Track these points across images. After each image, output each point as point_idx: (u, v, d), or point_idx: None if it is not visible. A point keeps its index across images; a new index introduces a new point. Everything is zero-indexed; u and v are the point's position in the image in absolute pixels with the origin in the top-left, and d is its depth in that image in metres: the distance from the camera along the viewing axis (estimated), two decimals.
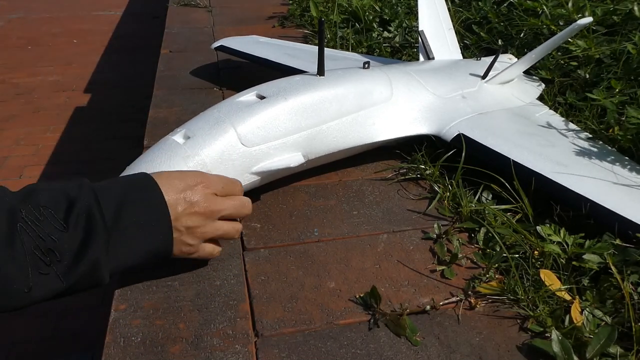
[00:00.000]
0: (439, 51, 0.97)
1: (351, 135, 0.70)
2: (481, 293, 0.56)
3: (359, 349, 0.49)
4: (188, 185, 0.52)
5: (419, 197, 0.71)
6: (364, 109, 0.71)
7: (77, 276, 0.45)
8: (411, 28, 1.25)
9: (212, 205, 0.53)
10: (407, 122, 0.76)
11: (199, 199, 0.52)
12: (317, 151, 0.67)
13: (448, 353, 0.49)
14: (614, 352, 0.48)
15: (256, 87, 0.68)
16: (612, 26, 0.99)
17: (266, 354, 0.48)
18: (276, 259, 0.59)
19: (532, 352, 0.49)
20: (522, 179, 0.66)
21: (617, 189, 0.65)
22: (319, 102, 0.67)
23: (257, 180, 0.63)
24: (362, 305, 0.54)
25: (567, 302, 0.53)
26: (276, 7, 1.58)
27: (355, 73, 0.74)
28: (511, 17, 1.16)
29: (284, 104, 0.64)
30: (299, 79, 0.69)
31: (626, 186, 0.66)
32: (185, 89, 1.03)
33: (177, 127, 0.63)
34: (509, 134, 0.74)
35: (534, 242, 0.59)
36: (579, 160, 0.71)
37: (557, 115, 0.86)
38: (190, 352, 0.48)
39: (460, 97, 0.82)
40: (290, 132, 0.64)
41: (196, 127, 0.61)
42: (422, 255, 0.61)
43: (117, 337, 0.49)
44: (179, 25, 1.41)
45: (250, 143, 0.61)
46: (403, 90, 0.76)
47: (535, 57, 0.93)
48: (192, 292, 0.54)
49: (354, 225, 0.65)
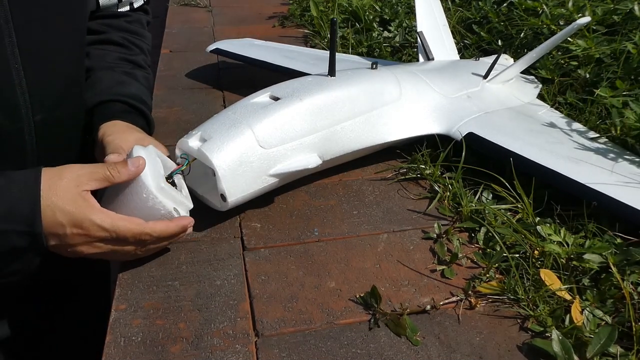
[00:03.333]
0: (437, 51, 0.97)
1: (364, 136, 0.70)
2: (481, 293, 0.56)
3: (359, 349, 0.49)
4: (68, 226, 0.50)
5: (419, 197, 0.71)
6: (375, 109, 0.71)
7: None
8: (411, 28, 1.25)
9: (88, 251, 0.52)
10: (417, 121, 0.76)
11: (75, 243, 0.51)
12: (332, 152, 0.67)
13: (448, 353, 0.49)
14: (614, 351, 0.47)
15: (269, 88, 0.68)
16: (612, 26, 0.99)
17: (266, 353, 0.48)
18: (276, 259, 0.59)
19: (533, 351, 0.49)
20: (537, 177, 0.66)
21: (631, 184, 0.65)
22: (333, 103, 0.67)
23: (275, 182, 0.63)
24: (362, 305, 0.54)
25: (568, 302, 0.52)
26: (276, 7, 1.58)
27: (365, 73, 0.74)
28: (511, 17, 1.16)
29: (300, 105, 0.64)
30: (312, 80, 0.69)
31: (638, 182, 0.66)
32: (185, 88, 1.03)
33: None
34: (518, 132, 0.75)
35: (534, 241, 0.59)
36: (589, 156, 0.71)
37: (558, 113, 0.86)
38: (190, 352, 0.48)
39: (466, 97, 0.82)
40: (307, 133, 0.64)
41: (212, 129, 0.60)
42: (422, 255, 0.61)
43: (117, 337, 0.49)
44: (179, 25, 1.41)
45: (267, 145, 0.60)
46: (411, 90, 0.77)
47: (534, 57, 0.93)
48: (192, 291, 0.54)
49: (354, 225, 0.65)
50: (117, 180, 0.52)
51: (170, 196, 0.54)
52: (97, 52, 0.79)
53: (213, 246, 0.61)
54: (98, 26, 0.81)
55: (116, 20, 0.83)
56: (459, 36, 1.22)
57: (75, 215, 0.50)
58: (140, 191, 0.52)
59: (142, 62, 0.83)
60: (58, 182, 0.51)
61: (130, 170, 0.52)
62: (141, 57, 0.84)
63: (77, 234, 0.51)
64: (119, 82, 0.75)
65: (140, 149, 0.56)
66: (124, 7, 0.84)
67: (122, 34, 0.83)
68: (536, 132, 0.76)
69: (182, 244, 0.60)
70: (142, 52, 0.85)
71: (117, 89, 0.73)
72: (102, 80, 0.75)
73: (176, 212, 0.54)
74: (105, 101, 0.72)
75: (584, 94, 0.90)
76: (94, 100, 0.72)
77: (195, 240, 0.61)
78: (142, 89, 0.77)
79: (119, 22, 0.84)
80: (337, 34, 0.75)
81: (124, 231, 0.51)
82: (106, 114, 0.70)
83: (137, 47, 0.84)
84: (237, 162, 0.58)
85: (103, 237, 0.51)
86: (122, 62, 0.80)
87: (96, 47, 0.80)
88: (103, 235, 0.51)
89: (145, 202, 0.52)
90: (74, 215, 0.50)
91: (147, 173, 0.53)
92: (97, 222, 0.51)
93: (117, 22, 0.83)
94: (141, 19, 0.88)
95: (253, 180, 0.60)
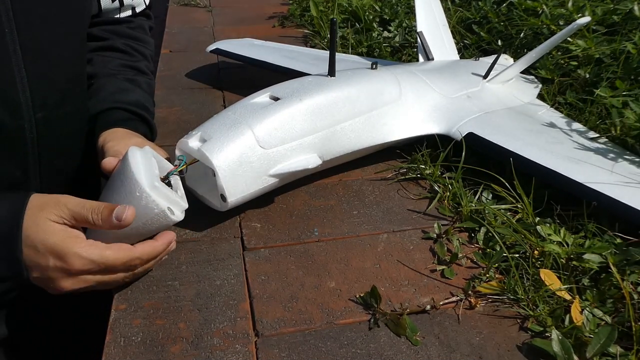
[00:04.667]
0: (437, 51, 0.97)
1: (364, 136, 0.70)
2: (481, 293, 0.56)
3: (359, 349, 0.49)
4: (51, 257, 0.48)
5: (419, 197, 0.71)
6: (375, 109, 0.71)
7: None
8: (411, 28, 1.25)
9: (71, 287, 0.50)
10: (417, 121, 0.76)
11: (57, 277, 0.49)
12: (332, 152, 0.67)
13: (448, 353, 0.49)
14: (614, 351, 0.47)
15: (269, 89, 0.68)
16: (612, 26, 0.99)
17: (266, 353, 0.48)
18: (276, 259, 0.59)
19: (532, 351, 0.49)
20: (537, 177, 0.66)
21: (631, 184, 0.65)
22: (333, 103, 0.67)
23: (274, 182, 0.63)
24: (362, 305, 0.54)
25: (567, 302, 0.53)
26: (276, 7, 1.58)
27: (365, 74, 0.74)
28: (511, 17, 1.16)
29: (300, 105, 0.64)
30: (312, 80, 0.69)
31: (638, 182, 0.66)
32: (185, 88, 1.03)
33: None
34: (518, 132, 0.75)
35: (534, 241, 0.59)
36: (589, 156, 0.71)
37: (558, 113, 0.86)
38: (190, 352, 0.48)
39: (466, 97, 0.82)
40: (307, 133, 0.64)
41: (212, 129, 0.60)
42: (422, 255, 0.61)
43: (117, 337, 0.49)
44: (179, 25, 1.41)
45: (267, 145, 0.60)
46: (411, 90, 0.77)
47: (534, 57, 0.93)
48: (192, 291, 0.54)
49: (354, 225, 0.65)
50: (96, 227, 0.51)
51: (164, 195, 0.54)
52: (100, 58, 0.79)
53: (213, 246, 0.61)
54: (101, 32, 0.81)
55: (119, 27, 0.83)
56: (459, 36, 1.22)
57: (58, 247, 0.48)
58: (133, 190, 0.52)
59: (145, 69, 0.83)
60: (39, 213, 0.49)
61: (113, 222, 0.50)
62: (143, 63, 0.84)
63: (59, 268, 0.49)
64: (121, 90, 0.75)
65: (135, 149, 0.56)
66: (125, 11, 0.84)
67: (125, 40, 0.83)
68: (536, 132, 0.76)
69: (182, 244, 0.60)
70: (144, 58, 0.85)
71: (118, 97, 0.73)
72: (104, 87, 0.75)
73: (170, 211, 0.54)
74: (107, 109, 0.72)
75: (583, 94, 0.90)
76: (96, 108, 0.72)
77: (195, 240, 0.61)
78: (145, 95, 0.78)
79: (122, 28, 0.84)
80: (337, 34, 0.75)
81: (113, 261, 0.50)
82: (107, 122, 0.70)
83: (140, 54, 0.84)
84: (237, 163, 0.58)
85: (89, 270, 0.49)
86: (124, 68, 0.80)
87: (99, 53, 0.80)
88: (90, 267, 0.49)
89: (139, 200, 0.52)
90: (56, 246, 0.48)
91: (140, 172, 0.53)
92: (84, 254, 0.49)
93: (120, 28, 0.83)
94: (143, 25, 0.88)
95: (253, 181, 0.60)
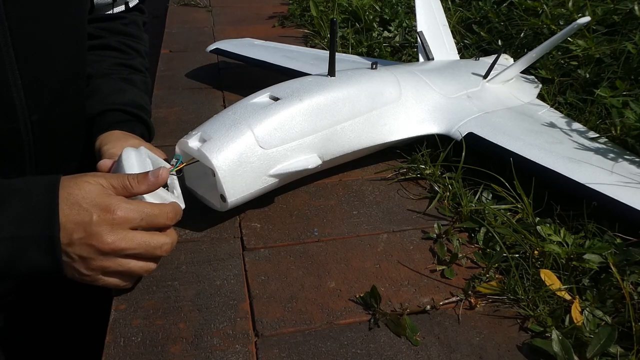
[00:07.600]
0: (437, 51, 0.97)
1: (364, 136, 0.70)
2: (481, 293, 0.56)
3: (359, 349, 0.49)
4: (94, 211, 0.47)
5: (419, 197, 0.71)
6: (375, 109, 0.71)
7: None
8: (411, 28, 1.25)
9: (116, 243, 0.47)
10: (417, 121, 0.76)
11: (101, 231, 0.47)
12: (332, 152, 0.67)
13: (448, 353, 0.49)
14: (614, 352, 0.47)
15: (269, 89, 0.68)
16: (612, 26, 0.99)
17: (266, 353, 0.48)
18: (276, 259, 0.59)
19: (532, 351, 0.49)
20: (537, 177, 0.66)
21: (631, 185, 0.65)
22: (333, 103, 0.67)
23: (275, 182, 0.63)
24: (362, 305, 0.54)
25: (567, 302, 0.52)
26: (276, 7, 1.58)
27: (365, 74, 0.74)
28: (511, 17, 1.17)
29: (299, 105, 0.64)
30: (312, 80, 0.69)
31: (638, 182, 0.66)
32: (185, 88, 1.03)
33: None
34: (518, 132, 0.75)
35: (534, 242, 0.59)
36: (589, 156, 0.71)
37: (558, 114, 0.86)
38: (190, 352, 0.48)
39: (466, 97, 0.82)
40: (306, 133, 0.64)
41: (212, 129, 0.60)
42: (422, 255, 0.61)
43: (117, 337, 0.49)
44: (179, 25, 1.41)
45: (267, 145, 0.60)
46: (411, 90, 0.77)
47: (534, 57, 0.93)
48: (192, 292, 0.54)
49: (354, 225, 0.65)
50: (136, 191, 0.50)
51: (158, 196, 0.54)
52: (94, 58, 0.78)
53: (213, 246, 0.61)
54: (94, 30, 0.80)
55: (112, 24, 0.82)
56: (459, 36, 1.22)
57: (100, 200, 0.47)
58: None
59: (140, 66, 0.83)
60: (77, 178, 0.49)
61: (150, 180, 0.50)
62: (138, 60, 0.83)
63: (102, 219, 0.47)
64: (117, 90, 0.74)
65: (130, 150, 0.56)
66: (118, 6, 0.83)
67: (119, 37, 0.82)
68: (536, 132, 0.76)
69: (182, 244, 0.60)
70: (139, 55, 0.84)
71: (114, 98, 0.73)
72: (99, 89, 0.74)
73: None
74: (103, 111, 0.71)
75: (584, 94, 0.90)
76: (93, 110, 0.72)
77: (195, 241, 0.61)
78: (141, 94, 0.77)
79: (115, 25, 0.83)
80: (337, 34, 0.75)
81: (151, 208, 0.49)
82: (104, 125, 0.70)
83: (135, 51, 0.84)
84: (237, 163, 0.58)
85: (133, 219, 0.48)
86: (119, 67, 0.79)
87: (93, 52, 0.79)
88: (133, 216, 0.48)
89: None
90: (99, 199, 0.47)
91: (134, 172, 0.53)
92: (125, 202, 0.48)
93: (113, 25, 0.82)
94: (137, 20, 0.87)
95: (253, 181, 0.60)
